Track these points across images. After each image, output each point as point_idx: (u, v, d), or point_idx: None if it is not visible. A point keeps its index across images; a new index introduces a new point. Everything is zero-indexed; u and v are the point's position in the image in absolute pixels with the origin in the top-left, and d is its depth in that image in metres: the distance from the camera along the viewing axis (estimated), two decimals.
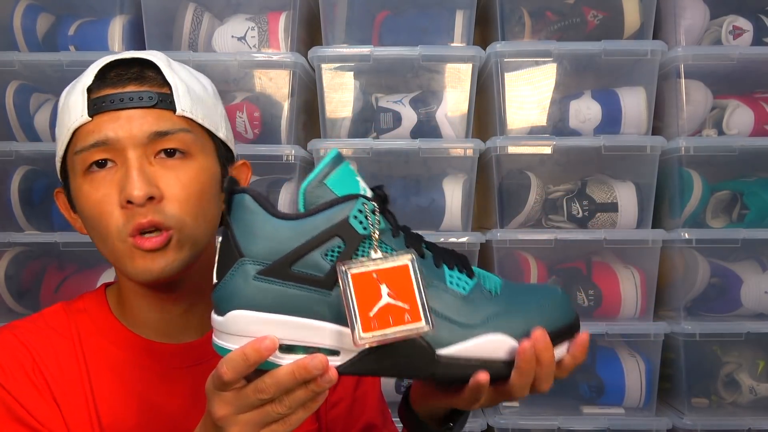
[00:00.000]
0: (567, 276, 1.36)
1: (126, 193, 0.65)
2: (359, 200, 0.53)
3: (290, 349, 0.52)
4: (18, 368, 0.70)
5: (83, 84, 0.69)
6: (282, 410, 0.52)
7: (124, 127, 0.66)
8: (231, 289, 0.53)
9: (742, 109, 1.34)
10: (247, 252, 0.52)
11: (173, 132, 0.68)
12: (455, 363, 0.53)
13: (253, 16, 1.37)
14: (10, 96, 1.34)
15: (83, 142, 0.68)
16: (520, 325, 0.54)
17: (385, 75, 1.37)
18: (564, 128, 1.35)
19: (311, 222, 0.52)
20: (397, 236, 0.55)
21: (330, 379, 0.51)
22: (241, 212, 0.53)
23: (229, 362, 0.51)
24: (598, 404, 1.33)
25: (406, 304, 0.51)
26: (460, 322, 0.53)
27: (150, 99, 0.67)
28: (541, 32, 1.36)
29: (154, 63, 0.70)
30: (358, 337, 0.50)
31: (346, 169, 0.55)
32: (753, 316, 1.34)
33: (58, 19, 1.39)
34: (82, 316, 0.75)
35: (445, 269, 0.56)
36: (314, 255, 0.52)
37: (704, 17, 1.34)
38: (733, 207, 1.36)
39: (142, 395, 0.73)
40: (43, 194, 1.35)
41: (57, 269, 1.36)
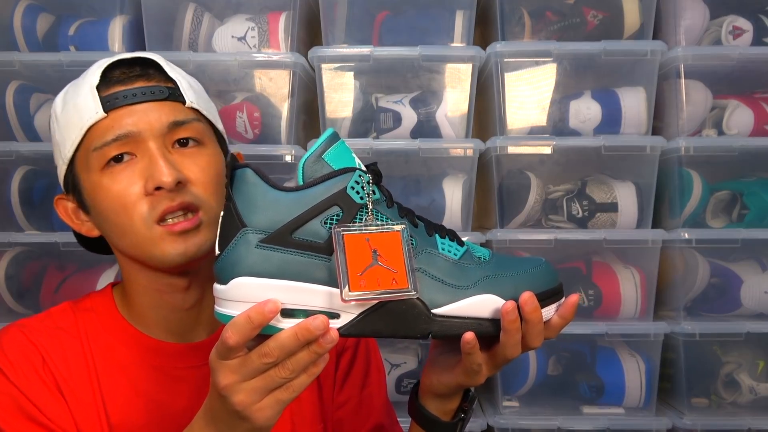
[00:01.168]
0: (567, 276, 1.36)
1: (155, 179, 0.67)
2: (356, 172, 0.57)
3: (291, 314, 0.54)
4: (28, 366, 0.71)
5: (90, 84, 0.70)
6: (285, 374, 0.53)
7: (142, 119, 0.69)
8: (234, 258, 0.55)
9: (742, 109, 1.34)
10: (249, 222, 0.55)
11: (188, 121, 0.71)
12: (449, 321, 0.57)
13: (253, 16, 1.37)
14: (10, 96, 1.34)
15: (101, 138, 0.69)
16: (509, 287, 0.58)
17: (385, 75, 1.37)
18: (564, 128, 1.35)
19: (311, 192, 0.56)
20: (392, 207, 0.58)
21: (332, 339, 0.52)
22: (243, 185, 0.56)
23: (234, 326, 0.52)
24: (598, 404, 1.33)
25: (395, 269, 0.54)
26: (452, 284, 0.57)
27: (161, 92, 0.70)
28: (541, 32, 1.36)
29: (155, 61, 0.73)
30: (345, 294, 0.53)
31: (342, 145, 0.58)
32: (753, 316, 1.34)
33: (58, 19, 1.39)
34: (90, 315, 0.76)
35: (437, 237, 0.60)
36: (314, 223, 0.55)
37: (704, 17, 1.34)
38: (733, 207, 1.36)
39: (150, 394, 0.74)
40: (43, 194, 1.35)
41: (57, 269, 1.36)
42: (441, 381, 0.67)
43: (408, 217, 0.59)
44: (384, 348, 1.34)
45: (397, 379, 1.34)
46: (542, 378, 1.34)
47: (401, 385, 1.34)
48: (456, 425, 0.70)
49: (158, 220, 0.68)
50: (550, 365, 1.36)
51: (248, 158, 0.79)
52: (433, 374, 0.68)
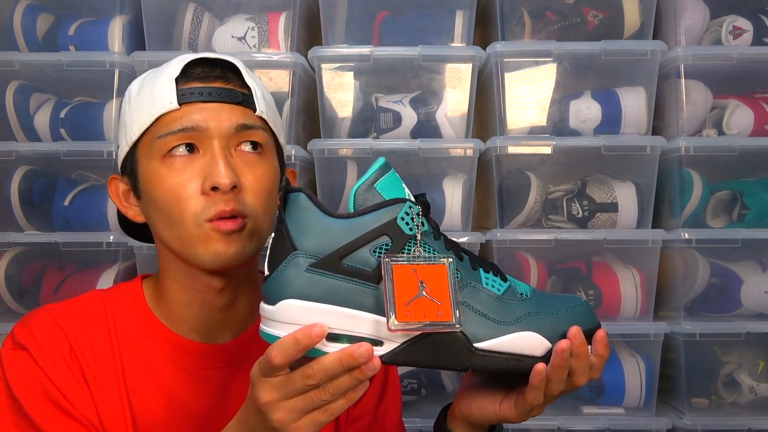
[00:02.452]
0: (567, 276, 1.36)
1: (213, 179, 0.68)
2: (406, 204, 0.58)
3: (335, 338, 0.56)
4: (55, 350, 0.71)
5: (170, 75, 0.71)
6: (325, 397, 0.54)
7: (212, 117, 0.70)
8: (283, 280, 0.56)
9: (742, 109, 1.34)
10: (300, 246, 0.56)
11: (256, 127, 0.73)
12: (491, 356, 0.57)
13: (253, 16, 1.37)
14: (10, 96, 1.34)
15: (169, 127, 0.70)
16: (550, 326, 0.59)
17: (385, 75, 1.37)
18: (564, 128, 1.35)
19: (362, 221, 0.57)
20: (438, 239, 0.60)
21: (374, 367, 0.54)
22: (296, 209, 0.58)
23: (280, 347, 0.53)
24: (598, 404, 1.33)
25: (440, 301, 0.55)
26: (495, 319, 0.58)
27: (236, 96, 0.72)
28: (541, 32, 1.36)
29: (236, 66, 0.74)
30: (392, 323, 0.54)
31: (393, 175, 0.60)
32: (753, 316, 1.34)
33: (58, 19, 1.39)
34: (118, 307, 0.77)
35: (481, 272, 0.60)
36: (363, 251, 0.56)
37: (704, 17, 1.34)
38: (733, 207, 1.36)
39: (172, 391, 0.74)
40: (43, 194, 1.35)
41: (57, 269, 1.36)
42: (483, 412, 0.66)
43: (454, 249, 0.60)
44: None
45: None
46: None
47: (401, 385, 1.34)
48: None
49: (211, 219, 0.68)
50: None
51: None
52: (474, 403, 0.66)
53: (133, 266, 1.34)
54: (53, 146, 1.31)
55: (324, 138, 1.34)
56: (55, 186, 1.35)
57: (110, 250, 1.29)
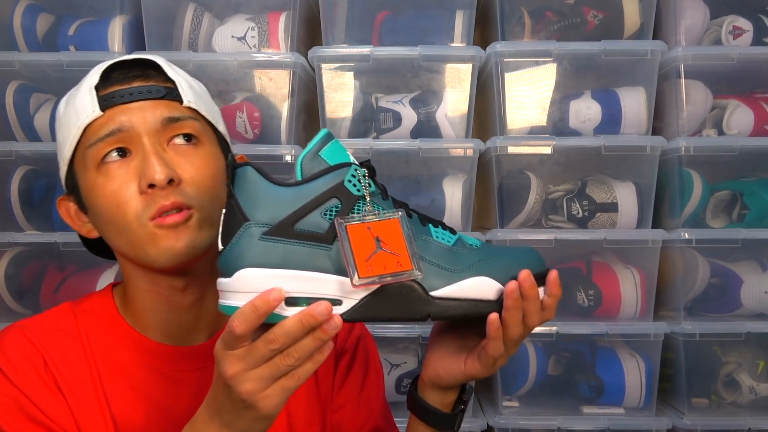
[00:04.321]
0: (567, 276, 1.36)
1: (148, 177, 0.67)
2: (352, 167, 0.60)
3: (294, 302, 0.56)
4: (29, 367, 0.70)
5: (89, 84, 0.71)
6: (291, 362, 0.54)
7: (137, 115, 0.69)
8: (238, 251, 0.57)
9: (742, 109, 1.34)
10: (252, 217, 0.57)
11: (184, 119, 0.71)
12: (447, 303, 0.59)
13: (253, 16, 1.37)
14: (10, 96, 1.34)
15: (96, 134, 0.69)
16: (500, 270, 0.61)
17: (385, 75, 1.37)
18: (564, 128, 1.35)
19: (310, 186, 0.58)
20: (387, 199, 0.61)
21: (336, 325, 0.54)
22: (245, 182, 0.59)
23: (240, 315, 0.53)
24: (598, 404, 1.33)
25: (398, 252, 0.57)
26: (448, 268, 0.60)
27: (158, 91, 0.71)
28: (541, 32, 1.36)
29: (155, 62, 0.73)
30: (356, 279, 0.55)
31: (337, 143, 0.62)
32: (753, 316, 1.34)
33: (58, 19, 1.39)
34: (90, 317, 0.76)
35: (430, 227, 0.63)
36: (314, 214, 0.58)
37: (704, 17, 1.34)
38: (733, 207, 1.36)
39: (150, 396, 0.74)
40: (43, 194, 1.35)
41: (57, 269, 1.36)
42: (450, 373, 0.68)
43: (403, 207, 0.62)
44: (384, 348, 1.34)
45: (397, 379, 1.34)
46: (542, 378, 1.34)
47: (401, 385, 1.34)
48: (456, 416, 0.72)
49: (153, 217, 0.67)
50: (550, 365, 1.36)
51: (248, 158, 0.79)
52: (440, 366, 0.68)
53: None
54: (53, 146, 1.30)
55: None
56: (55, 186, 1.35)
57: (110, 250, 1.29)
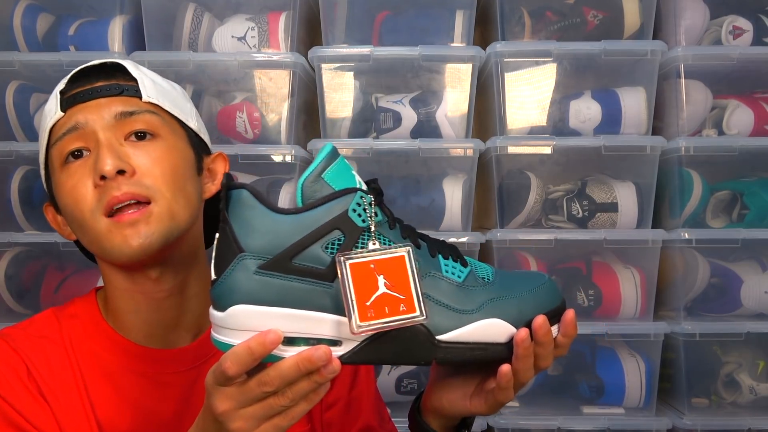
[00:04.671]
0: (567, 276, 1.36)
1: (98, 168, 0.67)
2: (357, 193, 0.54)
3: (291, 342, 0.53)
4: (12, 374, 0.70)
5: (57, 90, 0.72)
6: (285, 402, 0.52)
7: (93, 112, 0.69)
8: (231, 284, 0.53)
9: (742, 109, 1.34)
10: (247, 247, 0.53)
11: (139, 112, 0.70)
12: (454, 347, 0.55)
13: (253, 16, 1.37)
14: (10, 96, 1.34)
15: (57, 134, 0.70)
16: (514, 310, 0.56)
17: (385, 75, 1.37)
18: (564, 128, 1.35)
19: (311, 216, 0.53)
20: (394, 228, 0.56)
21: (333, 370, 0.51)
22: (240, 208, 0.54)
23: (234, 356, 0.51)
24: (598, 404, 1.33)
25: (402, 294, 0.52)
26: (457, 309, 0.55)
27: (116, 88, 0.71)
28: (541, 32, 1.36)
29: (122, 65, 0.73)
30: (355, 325, 0.51)
31: (342, 163, 0.56)
32: (753, 316, 1.34)
33: (58, 19, 1.39)
34: (73, 322, 0.75)
35: (440, 259, 0.57)
36: (315, 248, 0.53)
37: (704, 17, 1.34)
38: (733, 207, 1.36)
39: (137, 401, 0.73)
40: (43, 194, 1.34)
41: (57, 269, 1.36)
42: (453, 406, 0.65)
43: (411, 237, 0.57)
44: None
45: (396, 380, 1.34)
46: (542, 378, 1.34)
47: (401, 385, 1.34)
48: None
49: (106, 212, 0.67)
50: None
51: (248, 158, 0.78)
52: (444, 398, 0.66)
53: None
54: None
55: (324, 138, 1.34)
56: None
57: None
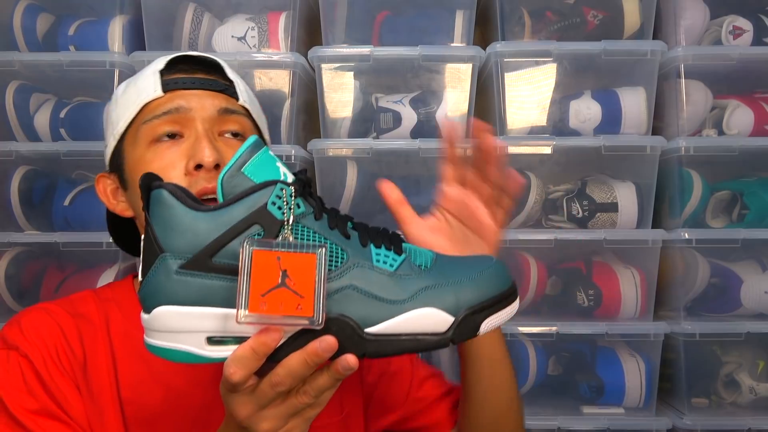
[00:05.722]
0: (567, 276, 1.37)
1: (197, 158, 0.68)
2: (277, 186, 0.52)
3: (221, 341, 0.52)
4: (44, 350, 0.71)
5: (154, 69, 0.74)
6: (308, 400, 0.52)
7: (195, 101, 0.72)
8: (154, 286, 0.52)
9: (742, 109, 1.34)
10: (168, 247, 0.52)
11: (238, 113, 0.74)
12: (385, 339, 0.52)
13: (253, 16, 1.37)
14: (10, 96, 1.34)
15: (153, 112, 0.72)
16: (450, 298, 0.53)
17: (385, 75, 1.37)
18: (564, 128, 1.35)
19: (229, 211, 0.51)
20: (320, 218, 0.54)
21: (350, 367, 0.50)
22: (159, 207, 0.52)
23: (236, 361, 0.50)
24: (598, 404, 1.33)
25: (302, 293, 0.49)
26: (387, 299, 0.52)
27: (218, 85, 0.74)
28: (541, 32, 1.36)
29: (218, 62, 0.77)
30: (241, 315, 0.49)
31: (265, 155, 0.54)
32: (753, 316, 1.34)
33: (58, 19, 1.39)
34: (110, 304, 0.77)
35: (371, 248, 0.55)
36: (234, 244, 0.51)
37: (704, 17, 1.34)
38: (733, 207, 1.36)
39: (169, 382, 0.74)
40: (43, 194, 1.35)
41: (57, 269, 1.36)
42: None
43: (339, 228, 0.54)
44: None
45: None
46: (542, 378, 1.34)
47: None
48: None
49: None
50: (550, 365, 1.36)
51: None
52: None
53: (132, 266, 1.34)
54: (53, 146, 1.31)
55: (324, 138, 1.34)
56: (55, 186, 1.35)
57: (110, 250, 1.29)
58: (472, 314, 0.53)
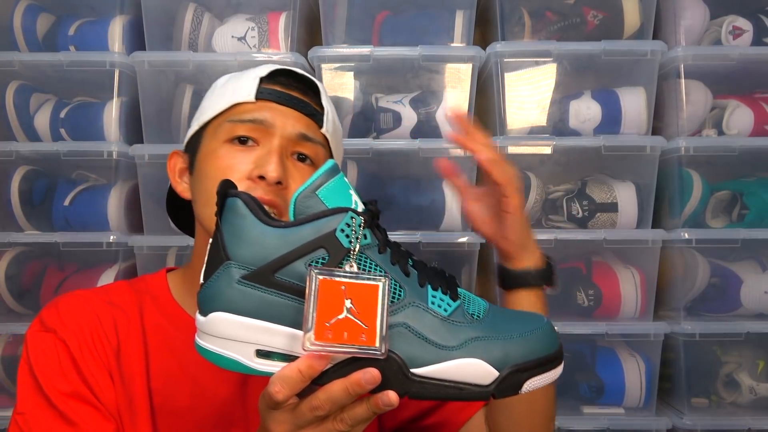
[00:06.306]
0: (567, 276, 1.37)
1: (262, 169, 0.71)
2: (348, 214, 0.53)
3: (267, 355, 0.53)
4: (80, 335, 0.73)
5: (257, 74, 0.78)
6: (343, 428, 0.53)
7: (280, 117, 0.75)
8: (215, 291, 0.53)
9: (742, 109, 1.34)
10: (234, 255, 0.53)
11: (315, 141, 0.77)
12: (429, 383, 0.53)
13: (253, 16, 1.37)
14: (10, 96, 1.34)
15: (241, 115, 0.75)
16: (498, 352, 0.53)
17: (385, 75, 1.37)
18: (564, 128, 1.35)
19: (299, 231, 0.53)
20: (384, 252, 0.55)
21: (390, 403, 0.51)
22: (232, 215, 0.54)
23: (282, 380, 0.51)
24: (598, 404, 1.33)
25: (366, 324, 0.50)
26: (437, 343, 0.53)
27: (307, 108, 0.77)
28: (541, 32, 1.36)
29: (317, 86, 0.80)
30: (308, 342, 0.50)
31: (340, 181, 0.55)
32: (753, 316, 1.34)
33: (58, 19, 1.39)
34: (144, 296, 0.80)
35: (428, 289, 0.55)
36: (298, 264, 0.52)
37: (704, 17, 1.34)
38: (733, 207, 1.36)
39: (196, 376, 0.76)
40: (43, 194, 1.35)
41: (57, 269, 1.36)
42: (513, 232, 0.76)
43: (400, 264, 0.55)
44: None
45: None
46: None
47: None
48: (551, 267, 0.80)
49: None
50: None
51: None
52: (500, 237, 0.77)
53: (133, 266, 1.34)
54: (53, 146, 1.31)
55: None
56: (55, 186, 1.36)
57: (110, 250, 1.29)
58: (516, 372, 0.54)
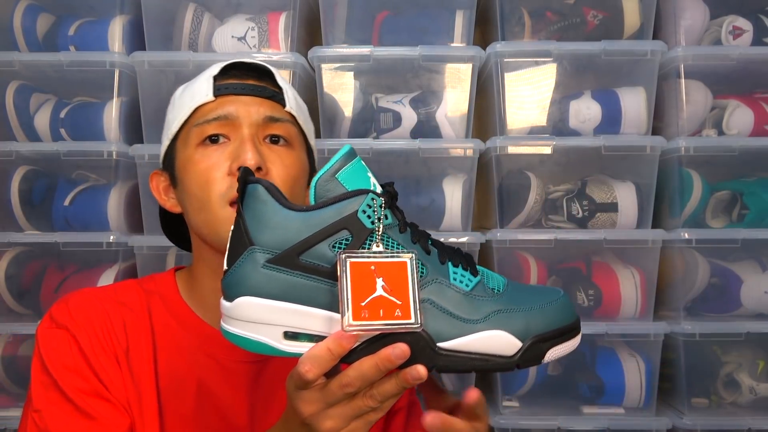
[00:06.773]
0: (567, 276, 1.36)
1: (240, 160, 0.72)
2: (369, 195, 0.54)
3: (294, 337, 0.54)
4: (91, 331, 0.74)
5: (210, 73, 0.78)
6: (373, 404, 0.53)
7: (243, 107, 0.76)
8: (240, 276, 0.54)
9: (742, 109, 1.34)
10: (257, 240, 0.54)
11: (283, 120, 0.77)
12: (455, 356, 0.54)
13: (253, 16, 1.37)
14: (10, 96, 1.34)
15: (205, 116, 0.76)
16: (521, 324, 0.55)
17: (385, 75, 1.37)
18: (564, 128, 1.35)
19: (321, 214, 0.54)
20: (404, 232, 0.56)
21: (419, 377, 0.52)
22: (254, 202, 0.55)
23: (313, 360, 0.52)
24: (598, 404, 1.33)
25: (399, 299, 0.52)
26: (461, 317, 0.54)
27: (266, 91, 0.78)
28: (541, 32, 1.36)
29: (270, 70, 0.81)
30: (347, 323, 0.51)
31: (358, 164, 0.56)
32: (753, 316, 1.34)
33: (58, 19, 1.39)
34: (153, 296, 0.80)
35: (449, 266, 0.57)
36: (322, 246, 0.53)
37: (704, 17, 1.34)
38: (733, 207, 1.36)
39: (201, 379, 0.76)
40: (43, 194, 1.35)
41: (57, 269, 1.36)
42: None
43: (420, 243, 0.57)
44: None
45: None
46: (542, 378, 1.34)
47: None
48: None
49: (232, 201, 0.72)
50: (550, 365, 1.36)
51: None
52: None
53: (133, 266, 1.34)
54: (53, 146, 1.31)
55: (324, 138, 1.34)
56: (55, 186, 1.36)
57: (110, 250, 1.29)
58: (539, 342, 0.55)
